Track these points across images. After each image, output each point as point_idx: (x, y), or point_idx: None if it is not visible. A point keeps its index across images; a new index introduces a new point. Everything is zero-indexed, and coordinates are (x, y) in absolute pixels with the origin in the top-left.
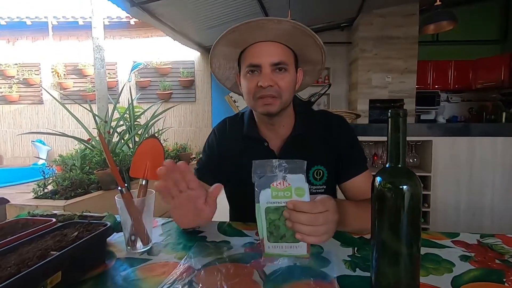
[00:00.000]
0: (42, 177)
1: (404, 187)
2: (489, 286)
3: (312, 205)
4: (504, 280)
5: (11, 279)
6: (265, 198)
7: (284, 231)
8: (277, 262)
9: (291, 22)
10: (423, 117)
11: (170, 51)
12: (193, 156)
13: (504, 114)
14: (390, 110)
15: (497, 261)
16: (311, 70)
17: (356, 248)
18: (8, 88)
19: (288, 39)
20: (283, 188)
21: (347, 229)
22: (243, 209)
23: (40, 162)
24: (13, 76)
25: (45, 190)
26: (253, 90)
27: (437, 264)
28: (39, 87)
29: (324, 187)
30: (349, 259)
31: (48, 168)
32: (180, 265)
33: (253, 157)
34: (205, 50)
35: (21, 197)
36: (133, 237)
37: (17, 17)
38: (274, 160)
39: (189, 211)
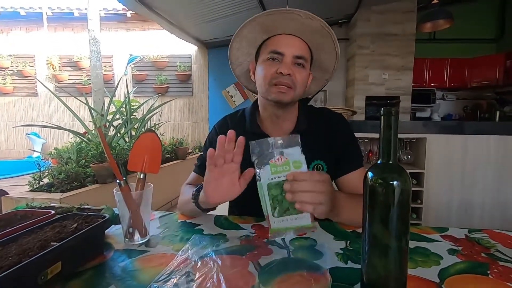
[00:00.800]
0: (37, 170)
1: (395, 182)
2: (474, 278)
3: (310, 173)
4: (488, 272)
5: (13, 268)
6: (266, 175)
7: (287, 205)
8: (284, 236)
9: (322, 21)
10: (418, 114)
11: (167, 44)
12: (190, 150)
13: (498, 112)
14: (382, 108)
15: (482, 254)
16: (319, 77)
17: (348, 242)
18: (2, 79)
19: (312, 39)
20: (282, 163)
21: (340, 218)
22: (243, 203)
23: (35, 155)
24: (7, 68)
25: (41, 183)
26: (270, 76)
27: (425, 257)
28: (33, 79)
29: None
30: (342, 251)
31: (44, 161)
32: (177, 257)
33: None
34: (203, 44)
35: (16, 189)
36: (131, 230)
37: (11, 7)
38: (269, 139)
39: (222, 186)
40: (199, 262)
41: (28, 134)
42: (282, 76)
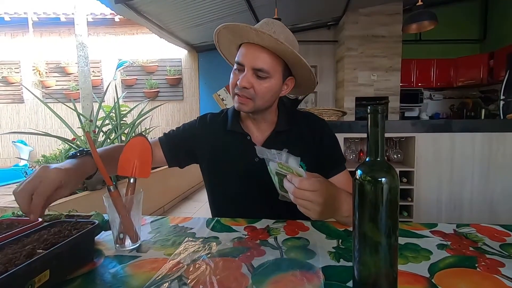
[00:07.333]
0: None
1: (383, 179)
2: (462, 272)
3: (310, 183)
4: (476, 265)
5: None
6: (275, 166)
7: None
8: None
9: (272, 38)
10: (407, 114)
11: (156, 49)
12: None
13: (483, 110)
14: (369, 107)
15: (470, 248)
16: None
17: (340, 240)
18: None
19: (278, 49)
20: (285, 165)
21: (336, 218)
22: (225, 201)
23: (22, 163)
24: None
25: None
26: (233, 86)
27: (416, 252)
28: (19, 86)
29: None
30: (334, 250)
31: (31, 168)
32: (169, 261)
33: (237, 150)
34: (193, 48)
35: (2, 199)
36: (121, 235)
37: None
38: (272, 150)
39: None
40: (192, 266)
41: (15, 142)
42: (240, 88)
